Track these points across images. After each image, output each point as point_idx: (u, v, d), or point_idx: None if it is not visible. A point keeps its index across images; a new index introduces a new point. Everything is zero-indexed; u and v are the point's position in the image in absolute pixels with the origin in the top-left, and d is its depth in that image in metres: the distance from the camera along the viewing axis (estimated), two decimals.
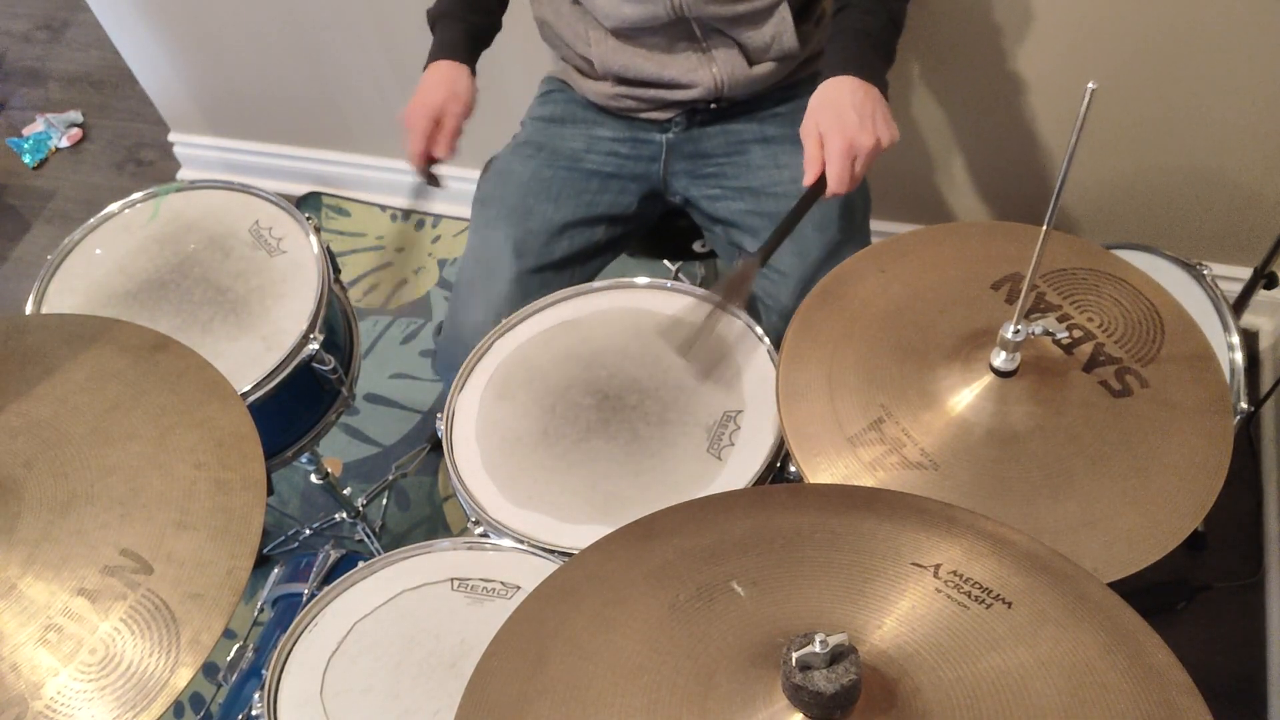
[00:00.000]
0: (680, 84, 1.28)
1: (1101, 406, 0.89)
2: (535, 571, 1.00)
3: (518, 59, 1.80)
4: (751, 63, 1.27)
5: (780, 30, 1.23)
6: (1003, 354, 0.87)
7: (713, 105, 1.32)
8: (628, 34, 1.26)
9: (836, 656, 0.58)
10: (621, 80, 1.31)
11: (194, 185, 1.39)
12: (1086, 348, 0.93)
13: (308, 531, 1.79)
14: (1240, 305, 1.60)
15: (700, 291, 1.20)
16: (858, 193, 1.31)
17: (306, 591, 1.25)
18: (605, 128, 1.37)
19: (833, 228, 1.27)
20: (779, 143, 1.32)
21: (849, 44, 1.16)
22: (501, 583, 1.00)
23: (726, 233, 1.34)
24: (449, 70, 1.28)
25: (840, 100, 1.11)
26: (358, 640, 0.99)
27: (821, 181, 1.11)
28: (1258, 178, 1.66)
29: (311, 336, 1.23)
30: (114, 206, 1.36)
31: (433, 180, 1.30)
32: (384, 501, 1.87)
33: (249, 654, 1.22)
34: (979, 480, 0.85)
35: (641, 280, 1.23)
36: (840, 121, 1.09)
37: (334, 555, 1.30)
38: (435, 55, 1.30)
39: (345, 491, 1.71)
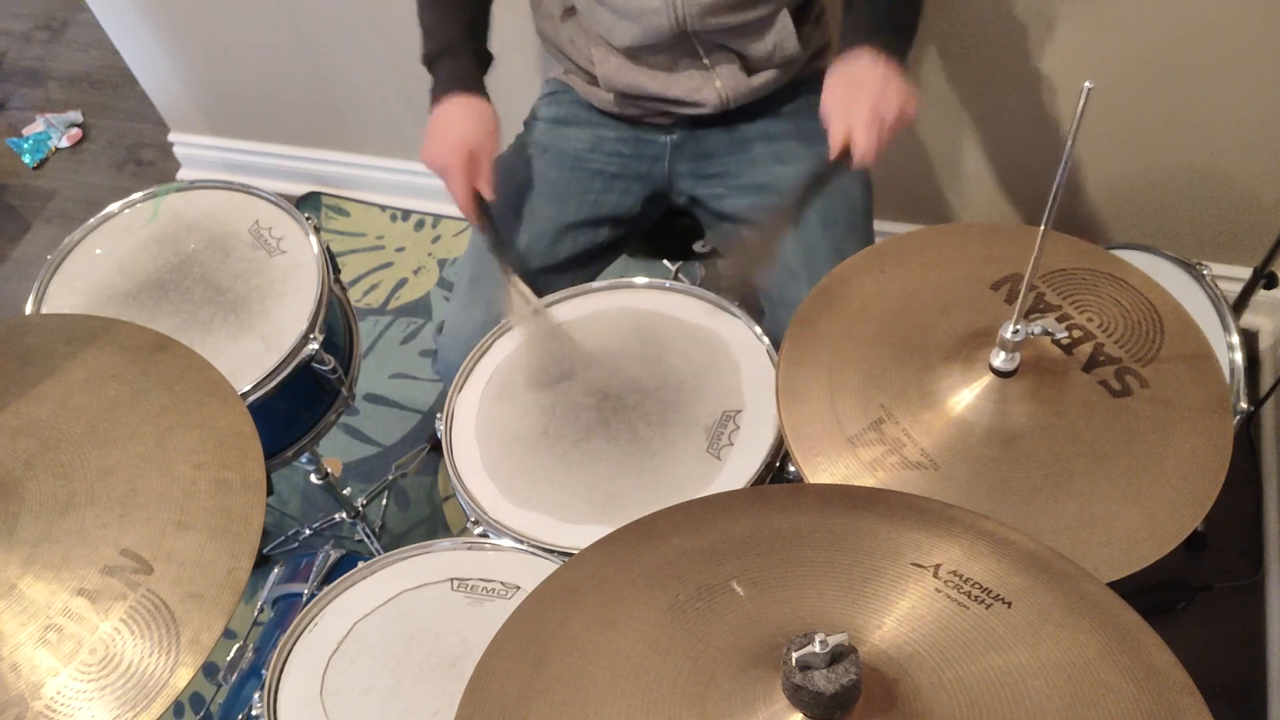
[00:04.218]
0: (685, 101, 1.28)
1: (1101, 406, 0.89)
2: (535, 571, 1.00)
3: (519, 60, 1.80)
4: (754, 73, 1.27)
5: (782, 38, 1.23)
6: (1002, 354, 0.87)
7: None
8: (631, 53, 1.26)
9: (836, 656, 0.58)
10: (626, 96, 1.31)
11: (194, 185, 1.39)
12: (1086, 348, 0.93)
13: (308, 531, 1.79)
14: (1240, 305, 1.60)
15: (702, 291, 1.20)
16: (861, 188, 1.32)
17: (306, 591, 1.25)
18: (609, 129, 1.37)
19: (837, 222, 1.27)
20: (782, 139, 1.32)
21: (864, 19, 1.15)
22: (501, 583, 1.00)
23: (735, 229, 1.35)
24: (468, 103, 1.21)
25: (858, 70, 1.10)
26: (358, 640, 0.99)
27: (846, 153, 1.10)
28: (1258, 178, 1.66)
29: (311, 336, 1.23)
30: (114, 206, 1.36)
31: (487, 224, 1.21)
32: (384, 501, 1.87)
33: (249, 654, 1.22)
34: (979, 480, 0.85)
35: (641, 280, 1.23)
36: (863, 89, 1.08)
37: (334, 555, 1.30)
38: (446, 89, 1.22)
39: (345, 491, 1.71)
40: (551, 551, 1.01)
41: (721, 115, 1.32)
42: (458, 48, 1.25)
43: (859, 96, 1.08)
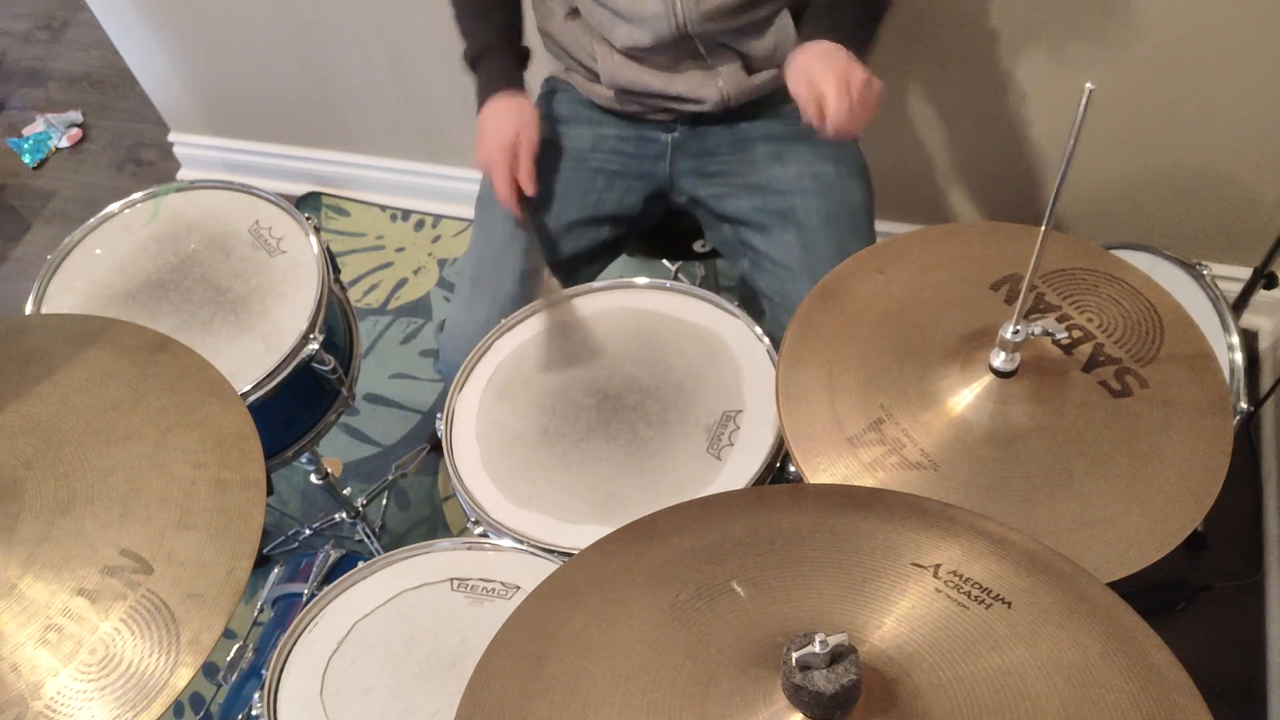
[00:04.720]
0: (687, 98, 1.29)
1: (1101, 406, 0.89)
2: (535, 571, 1.00)
3: None
4: (755, 72, 1.28)
5: (782, 38, 1.24)
6: (1002, 354, 0.87)
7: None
8: (633, 52, 1.26)
9: (836, 656, 0.58)
10: (628, 93, 1.31)
11: (194, 185, 1.39)
12: (1086, 348, 0.93)
13: (308, 531, 1.79)
14: (1240, 305, 1.60)
15: (702, 291, 1.20)
16: (862, 187, 1.32)
17: (306, 591, 1.26)
18: (610, 127, 1.37)
19: (838, 222, 1.27)
20: (784, 140, 1.32)
21: (826, 16, 1.17)
22: (501, 583, 1.00)
23: (735, 230, 1.35)
24: (509, 102, 1.27)
25: (822, 48, 1.11)
26: (358, 640, 0.99)
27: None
28: (1258, 178, 1.66)
29: (311, 336, 1.23)
30: (114, 206, 1.36)
31: (526, 216, 1.27)
32: (384, 501, 1.87)
33: (249, 654, 1.22)
34: (979, 480, 0.85)
35: (641, 280, 1.23)
36: (829, 61, 1.09)
37: (334, 555, 1.30)
38: (490, 90, 1.28)
39: (345, 491, 1.71)
40: (551, 551, 1.01)
41: (723, 113, 1.32)
42: (495, 47, 1.30)
43: (825, 67, 1.08)
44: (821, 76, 1.08)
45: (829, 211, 1.27)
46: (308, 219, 1.31)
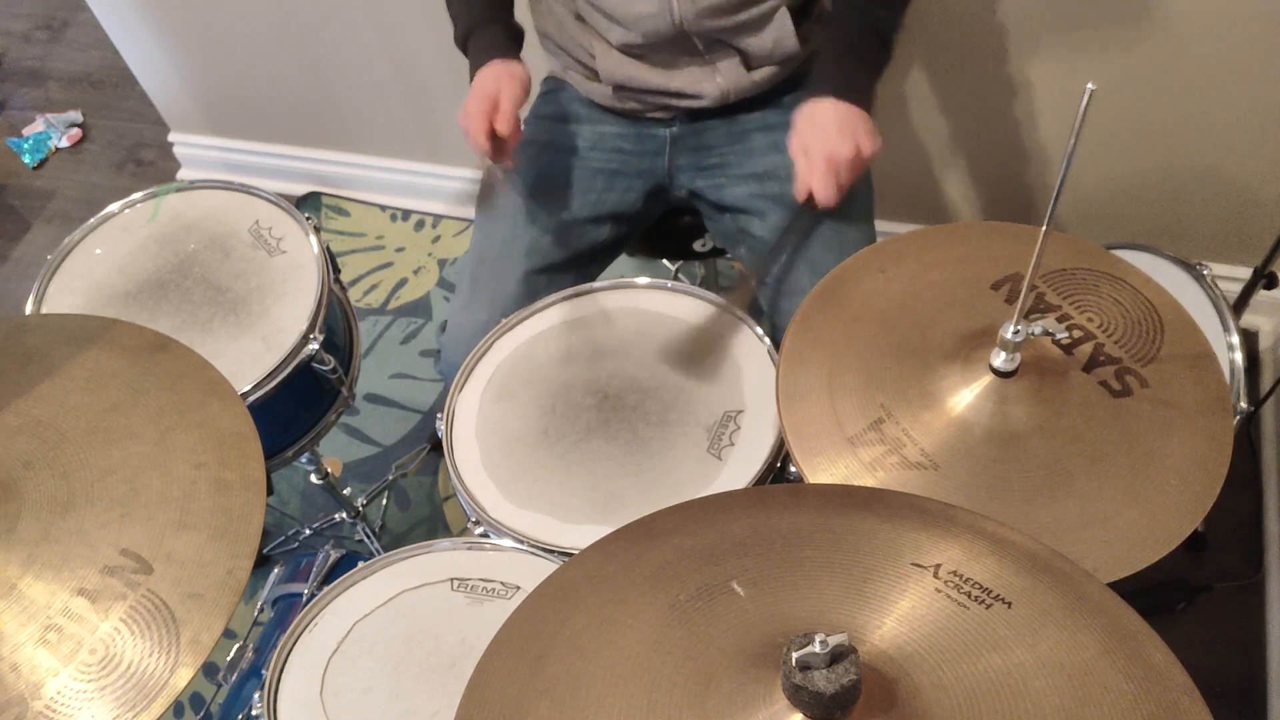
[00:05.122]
0: (686, 94, 1.28)
1: (1101, 406, 0.89)
2: (535, 571, 1.00)
3: None
4: (755, 69, 1.28)
5: (781, 35, 1.24)
6: (1002, 354, 0.87)
7: None
8: (632, 51, 1.26)
9: (836, 656, 0.58)
10: (627, 90, 1.31)
11: (194, 185, 1.39)
12: (1086, 348, 0.93)
13: (308, 531, 1.79)
14: (1240, 305, 1.60)
15: (702, 291, 1.20)
16: (861, 180, 1.32)
17: (306, 591, 1.25)
18: (609, 125, 1.37)
19: (838, 214, 1.27)
20: (781, 129, 1.32)
21: (832, 64, 1.20)
22: (501, 583, 1.00)
23: (734, 219, 1.35)
24: (497, 63, 1.24)
25: (822, 117, 1.15)
26: (358, 640, 0.99)
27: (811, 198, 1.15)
28: (1258, 178, 1.66)
29: (311, 336, 1.23)
30: (114, 206, 1.36)
31: (501, 161, 1.23)
32: (384, 501, 1.87)
33: (249, 654, 1.22)
34: (979, 480, 0.85)
35: (642, 280, 1.23)
36: (822, 136, 1.13)
37: (334, 555, 1.30)
38: (479, 61, 1.25)
39: (345, 491, 1.71)
40: (551, 551, 1.01)
41: (721, 108, 1.32)
42: (486, 21, 1.27)
43: (818, 142, 1.13)
44: (812, 152, 1.13)
45: (833, 234, 1.27)
46: (308, 219, 1.31)
